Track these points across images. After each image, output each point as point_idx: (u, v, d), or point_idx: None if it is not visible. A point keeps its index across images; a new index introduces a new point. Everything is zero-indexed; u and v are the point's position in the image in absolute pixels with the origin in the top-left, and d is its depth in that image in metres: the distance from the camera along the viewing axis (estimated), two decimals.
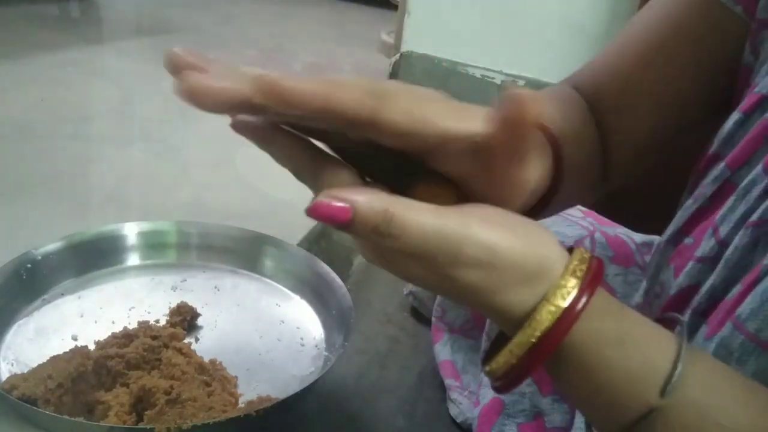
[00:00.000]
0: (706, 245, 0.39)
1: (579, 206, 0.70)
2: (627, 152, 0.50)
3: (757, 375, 0.33)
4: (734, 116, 0.41)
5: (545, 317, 0.30)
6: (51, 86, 1.51)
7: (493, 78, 1.30)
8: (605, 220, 0.68)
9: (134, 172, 1.18)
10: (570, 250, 0.32)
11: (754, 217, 0.36)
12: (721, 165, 0.40)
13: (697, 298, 0.39)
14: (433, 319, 0.78)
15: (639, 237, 0.64)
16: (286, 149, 0.32)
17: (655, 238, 0.63)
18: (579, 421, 0.52)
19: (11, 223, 0.90)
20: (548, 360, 0.30)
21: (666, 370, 0.29)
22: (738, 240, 0.36)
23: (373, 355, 0.75)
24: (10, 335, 0.65)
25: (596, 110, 0.50)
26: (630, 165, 0.51)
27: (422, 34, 1.34)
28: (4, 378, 0.57)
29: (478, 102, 0.32)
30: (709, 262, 0.39)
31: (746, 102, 0.40)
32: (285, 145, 0.32)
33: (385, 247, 0.30)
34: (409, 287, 0.86)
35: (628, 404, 0.30)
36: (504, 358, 0.31)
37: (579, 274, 0.30)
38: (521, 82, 1.27)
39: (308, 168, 0.32)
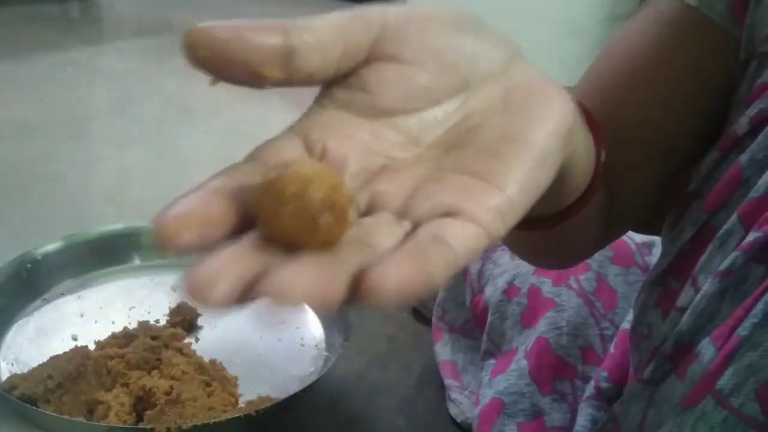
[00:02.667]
0: (686, 295, 0.38)
1: None
2: (633, 198, 0.44)
3: None
4: (712, 154, 0.38)
5: None
6: (51, 86, 1.51)
7: None
8: None
9: (134, 172, 1.17)
10: None
11: (723, 266, 0.34)
12: (698, 208, 0.38)
13: (666, 343, 0.37)
14: (434, 319, 0.78)
15: (639, 237, 0.64)
16: None
17: (656, 239, 0.63)
18: (581, 420, 0.52)
19: (11, 223, 0.90)
20: None
21: None
22: (707, 288, 0.35)
23: (373, 355, 0.75)
24: (10, 335, 0.65)
25: None
26: (637, 209, 0.45)
27: None
28: (4, 378, 0.57)
29: None
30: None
31: (723, 141, 0.37)
32: None
33: None
34: None
35: None
36: None
37: None
38: None
39: None
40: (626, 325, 0.54)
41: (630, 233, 0.65)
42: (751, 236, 0.33)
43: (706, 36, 0.38)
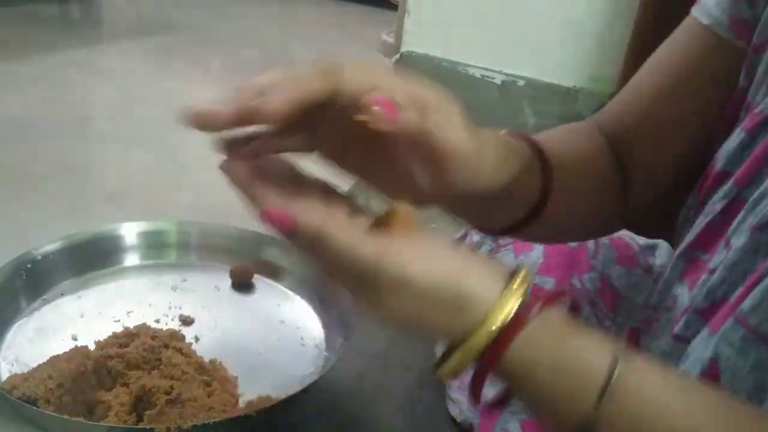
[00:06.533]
0: (718, 258, 0.41)
1: None
2: (647, 183, 0.52)
3: (756, 366, 0.35)
4: (738, 135, 0.42)
5: (474, 351, 0.32)
6: (51, 86, 1.51)
7: (493, 78, 1.29)
8: None
9: (134, 172, 1.17)
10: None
11: (755, 221, 0.37)
12: (729, 183, 0.42)
13: (698, 298, 0.40)
14: None
15: (642, 240, 0.64)
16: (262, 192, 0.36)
17: (658, 242, 0.64)
18: None
19: (11, 223, 0.90)
20: (490, 379, 0.33)
21: (601, 383, 0.31)
22: (738, 243, 0.38)
23: (373, 355, 0.75)
24: (10, 335, 0.65)
25: (617, 146, 0.53)
26: (650, 194, 0.53)
27: (422, 34, 1.34)
28: (4, 378, 0.57)
29: (478, 102, 0.33)
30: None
31: (748, 122, 0.42)
32: (262, 189, 0.36)
33: (318, 260, 0.33)
34: None
35: (566, 416, 0.32)
36: (445, 372, 0.34)
37: (511, 309, 0.32)
38: (521, 82, 1.27)
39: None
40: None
41: (634, 235, 0.65)
42: None
43: (715, 46, 0.47)
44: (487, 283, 0.33)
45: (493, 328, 0.32)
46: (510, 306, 0.32)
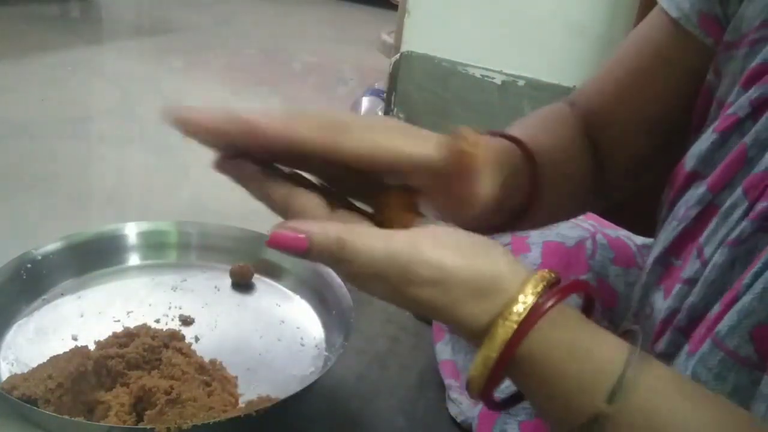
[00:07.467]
0: (691, 267, 0.40)
1: None
2: (619, 169, 0.52)
3: (735, 391, 0.34)
4: (710, 136, 0.42)
5: (501, 332, 0.31)
6: (51, 86, 1.51)
7: (493, 78, 1.29)
8: (607, 222, 0.68)
9: (134, 172, 1.18)
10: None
11: (732, 236, 0.37)
12: (703, 188, 0.41)
13: (679, 316, 0.39)
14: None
15: (640, 239, 0.64)
16: (261, 188, 0.36)
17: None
18: None
19: (11, 223, 0.90)
20: (505, 368, 0.32)
21: (615, 378, 0.30)
22: (716, 258, 0.37)
23: (373, 355, 0.75)
24: (10, 335, 0.65)
25: (591, 127, 0.52)
26: (623, 182, 0.54)
27: (422, 34, 1.34)
28: (4, 378, 0.57)
29: (478, 102, 0.33)
30: (695, 283, 0.39)
31: (721, 123, 0.41)
32: (261, 184, 0.36)
33: (343, 270, 0.33)
34: None
35: (577, 409, 0.31)
36: (477, 373, 0.32)
37: (537, 290, 0.32)
38: (521, 82, 1.27)
39: (280, 201, 0.35)
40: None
41: (631, 235, 0.65)
42: (759, 206, 0.35)
43: (682, 40, 0.47)
44: (513, 266, 0.33)
45: (529, 301, 0.31)
46: (536, 286, 0.32)
